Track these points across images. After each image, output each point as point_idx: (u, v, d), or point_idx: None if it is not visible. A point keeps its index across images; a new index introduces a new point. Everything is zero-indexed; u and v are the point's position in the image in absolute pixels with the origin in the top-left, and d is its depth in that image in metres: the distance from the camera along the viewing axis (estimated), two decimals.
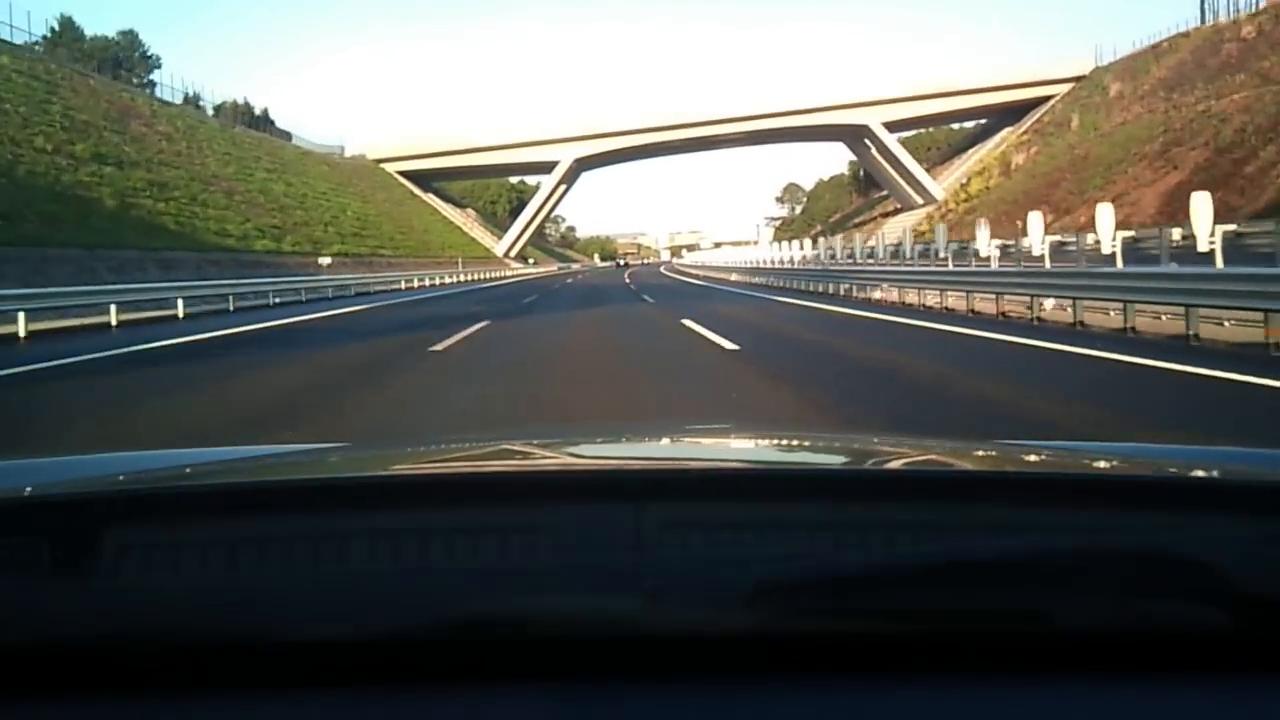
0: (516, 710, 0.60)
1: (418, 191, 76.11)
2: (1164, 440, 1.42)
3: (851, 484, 0.86)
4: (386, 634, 0.62)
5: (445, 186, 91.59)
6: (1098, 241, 16.69)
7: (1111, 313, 11.19)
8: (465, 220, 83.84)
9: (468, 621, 0.63)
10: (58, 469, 1.15)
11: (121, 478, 1.01)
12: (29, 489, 0.86)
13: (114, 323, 16.30)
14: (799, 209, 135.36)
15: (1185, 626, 0.64)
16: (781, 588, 0.62)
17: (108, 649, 0.63)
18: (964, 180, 60.04)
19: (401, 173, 74.75)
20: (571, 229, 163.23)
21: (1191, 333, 9.24)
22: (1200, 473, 1.02)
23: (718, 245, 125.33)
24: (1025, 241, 17.54)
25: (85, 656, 0.63)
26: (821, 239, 37.44)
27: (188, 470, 1.11)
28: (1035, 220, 18.72)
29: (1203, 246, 13.88)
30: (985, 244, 19.85)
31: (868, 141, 71.92)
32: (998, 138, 65.09)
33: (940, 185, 63.46)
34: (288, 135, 66.27)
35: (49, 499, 0.79)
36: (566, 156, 72.16)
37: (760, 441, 1.44)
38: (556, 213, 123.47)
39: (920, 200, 66.70)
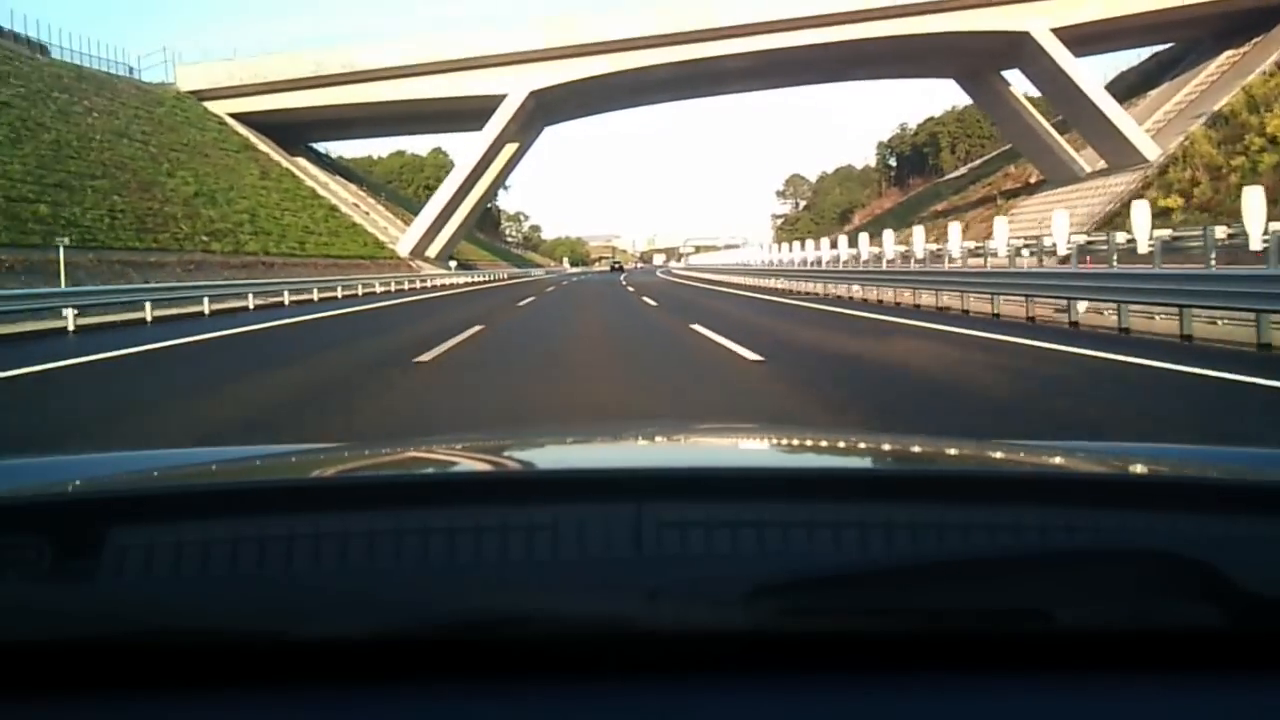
0: (517, 709, 0.60)
1: (270, 150, 47.73)
2: (1165, 440, 1.37)
3: (851, 484, 0.86)
4: (387, 633, 0.62)
5: (358, 166, 64.24)
6: None
7: None
8: (360, 201, 55.22)
9: (468, 620, 0.63)
10: (58, 469, 1.16)
11: (122, 478, 1.02)
12: (29, 489, 0.86)
13: None
14: (803, 204, 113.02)
15: (1185, 626, 0.63)
16: (781, 587, 0.62)
17: (108, 649, 0.63)
18: (1211, 121, 33.93)
19: (244, 117, 46.86)
20: (536, 228, 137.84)
21: None
22: (1200, 473, 1.01)
23: (697, 249, 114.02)
24: None
25: (85, 656, 0.62)
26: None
27: (188, 470, 1.13)
28: None
29: None
30: None
31: (1006, 75, 45.59)
32: (1219, 59, 39.10)
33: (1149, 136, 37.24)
34: (42, 48, 39.16)
35: (49, 499, 0.79)
36: (518, 89, 44.46)
37: (760, 441, 1.46)
38: (519, 209, 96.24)
39: (1090, 165, 40.55)
